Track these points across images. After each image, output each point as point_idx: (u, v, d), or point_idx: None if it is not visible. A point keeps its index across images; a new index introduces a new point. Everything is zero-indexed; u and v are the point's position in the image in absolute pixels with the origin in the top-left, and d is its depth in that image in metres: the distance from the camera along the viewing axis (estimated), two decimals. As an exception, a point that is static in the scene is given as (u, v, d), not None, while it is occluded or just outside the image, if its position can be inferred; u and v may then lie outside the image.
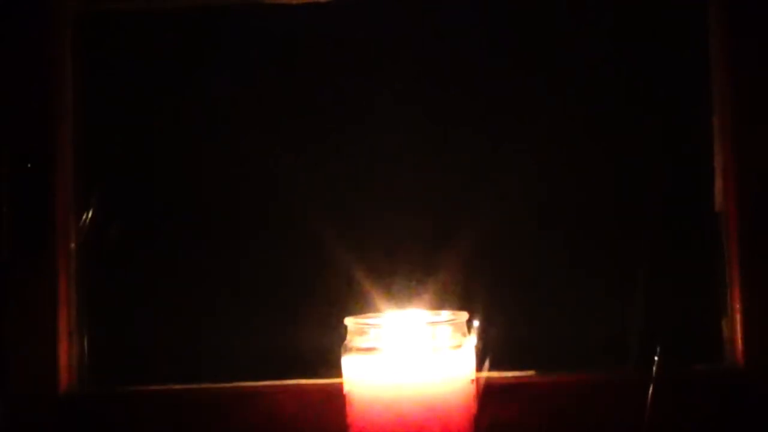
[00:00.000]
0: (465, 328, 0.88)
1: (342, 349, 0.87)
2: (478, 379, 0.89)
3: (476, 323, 0.96)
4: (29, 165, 1.03)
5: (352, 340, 0.87)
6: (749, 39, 1.00)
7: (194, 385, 1.03)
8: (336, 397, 0.88)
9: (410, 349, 0.84)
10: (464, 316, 0.88)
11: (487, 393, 0.95)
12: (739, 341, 1.00)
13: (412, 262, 1.04)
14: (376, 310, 0.96)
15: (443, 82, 1.08)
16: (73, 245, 1.06)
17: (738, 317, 1.00)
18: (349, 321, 0.88)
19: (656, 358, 0.98)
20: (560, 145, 1.07)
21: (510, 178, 1.05)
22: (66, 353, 1.04)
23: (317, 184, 1.07)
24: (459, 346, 0.86)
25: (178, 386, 1.03)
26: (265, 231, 1.08)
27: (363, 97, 1.08)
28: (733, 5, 1.00)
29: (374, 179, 1.07)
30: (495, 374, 0.99)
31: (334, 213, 1.06)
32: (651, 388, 0.97)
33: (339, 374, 0.88)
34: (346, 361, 0.87)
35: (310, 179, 1.07)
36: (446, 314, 0.90)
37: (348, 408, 0.86)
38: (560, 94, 1.07)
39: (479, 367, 0.92)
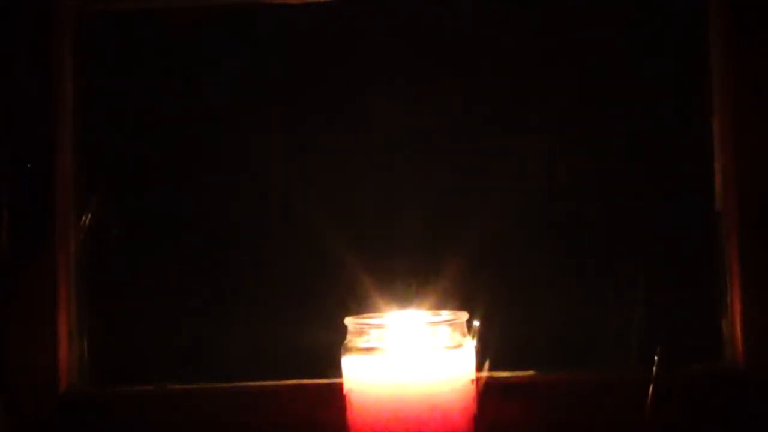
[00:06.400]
0: (465, 328, 0.88)
1: (342, 349, 0.87)
2: (478, 379, 0.89)
3: (476, 323, 0.96)
4: (29, 165, 1.03)
5: (352, 340, 0.87)
6: (749, 39, 1.00)
7: (194, 385, 1.03)
8: (336, 397, 0.88)
9: (410, 349, 0.84)
10: (464, 316, 0.88)
11: (487, 393, 0.95)
12: (739, 341, 1.00)
13: (413, 262, 1.04)
14: (377, 310, 0.96)
15: (445, 82, 1.08)
16: (73, 245, 1.06)
17: (738, 317, 1.00)
18: (349, 321, 0.88)
19: (656, 358, 0.98)
20: (560, 145, 1.07)
21: (510, 178, 1.05)
22: (66, 353, 1.04)
23: (318, 184, 1.07)
24: (459, 346, 0.86)
25: (178, 386, 1.03)
26: (264, 230, 1.08)
27: (364, 96, 1.08)
28: (734, 5, 1.00)
29: (375, 179, 1.07)
30: (495, 374, 0.99)
31: (334, 212, 1.06)
32: (651, 388, 0.97)
33: (339, 374, 0.88)
34: (346, 361, 0.87)
35: (310, 179, 1.07)
36: (446, 314, 0.90)
37: (348, 408, 0.86)
38: (560, 94, 1.07)
39: (479, 367, 0.92)
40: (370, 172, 1.08)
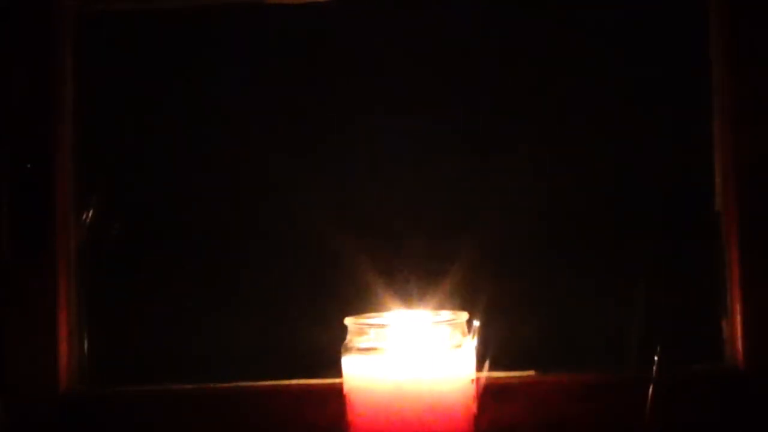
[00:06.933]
0: (465, 328, 0.88)
1: (342, 349, 0.87)
2: (478, 379, 0.89)
3: (476, 323, 0.95)
4: (29, 165, 1.03)
5: (352, 340, 0.87)
6: (749, 39, 1.00)
7: (194, 385, 1.03)
8: (336, 397, 0.88)
9: (410, 349, 0.84)
10: (464, 316, 0.88)
11: (487, 393, 0.95)
12: (739, 341, 1.00)
13: (414, 262, 1.04)
14: (377, 310, 0.96)
15: (445, 82, 1.08)
16: (73, 245, 1.06)
17: (738, 317, 1.00)
18: (348, 321, 0.88)
19: (656, 358, 0.98)
20: (561, 145, 1.07)
21: (511, 178, 1.05)
22: (66, 353, 1.04)
23: (317, 184, 1.07)
24: (459, 346, 0.86)
25: (178, 386, 1.03)
26: (265, 230, 1.08)
27: (364, 96, 1.08)
28: (734, 5, 1.00)
29: (376, 179, 1.07)
30: (495, 374, 0.99)
31: (335, 213, 1.06)
32: (651, 388, 0.97)
33: (339, 374, 0.88)
34: (346, 361, 0.87)
35: (310, 179, 1.07)
36: (446, 314, 0.90)
37: (348, 408, 0.86)
38: (560, 95, 1.07)
39: (479, 367, 0.92)
40: (371, 172, 1.08)
